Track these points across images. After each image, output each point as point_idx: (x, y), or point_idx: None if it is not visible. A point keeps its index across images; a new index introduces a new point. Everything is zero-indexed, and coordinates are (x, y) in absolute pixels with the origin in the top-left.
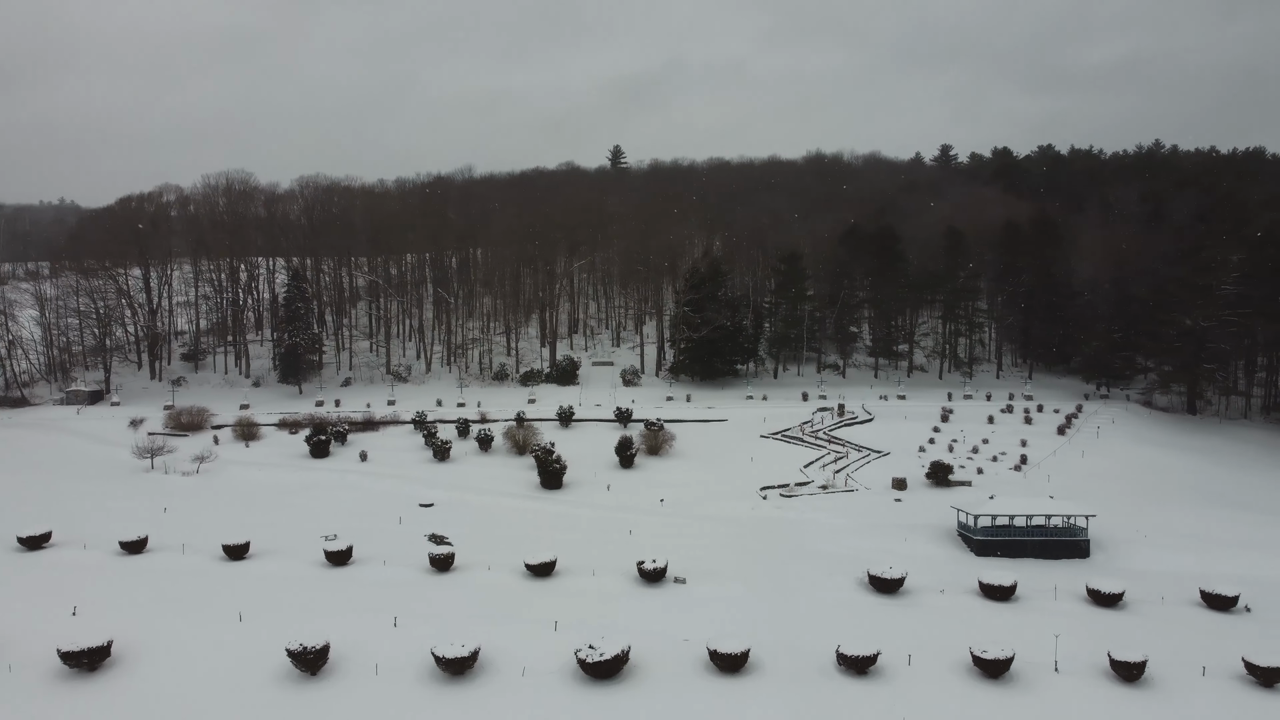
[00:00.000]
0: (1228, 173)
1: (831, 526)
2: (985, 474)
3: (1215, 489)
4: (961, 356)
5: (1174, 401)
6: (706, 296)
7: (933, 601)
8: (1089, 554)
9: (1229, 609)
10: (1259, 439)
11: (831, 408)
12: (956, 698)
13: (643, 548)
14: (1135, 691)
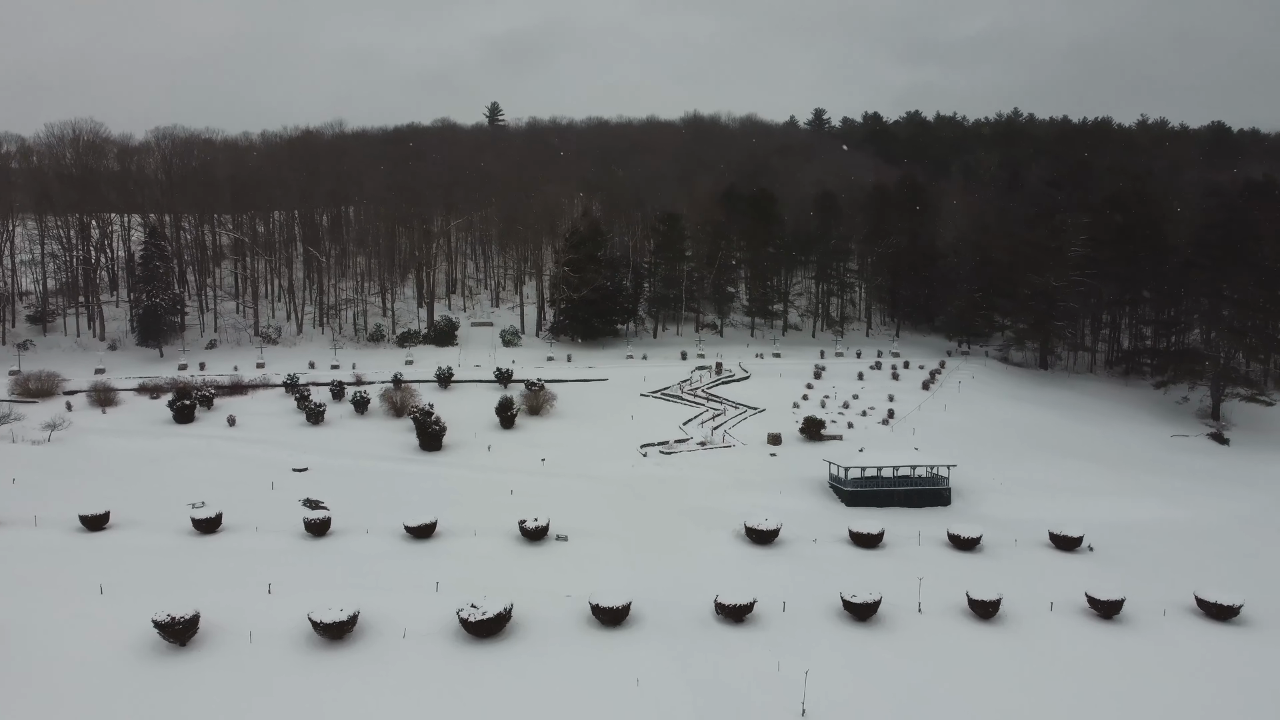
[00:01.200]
0: (1079, 141)
1: (710, 482)
2: (855, 428)
3: (1063, 440)
4: (834, 316)
5: (1028, 357)
6: (586, 257)
7: (806, 551)
8: (950, 502)
9: (1074, 549)
10: (1103, 391)
11: (710, 366)
12: (828, 640)
13: (524, 507)
14: (990, 627)
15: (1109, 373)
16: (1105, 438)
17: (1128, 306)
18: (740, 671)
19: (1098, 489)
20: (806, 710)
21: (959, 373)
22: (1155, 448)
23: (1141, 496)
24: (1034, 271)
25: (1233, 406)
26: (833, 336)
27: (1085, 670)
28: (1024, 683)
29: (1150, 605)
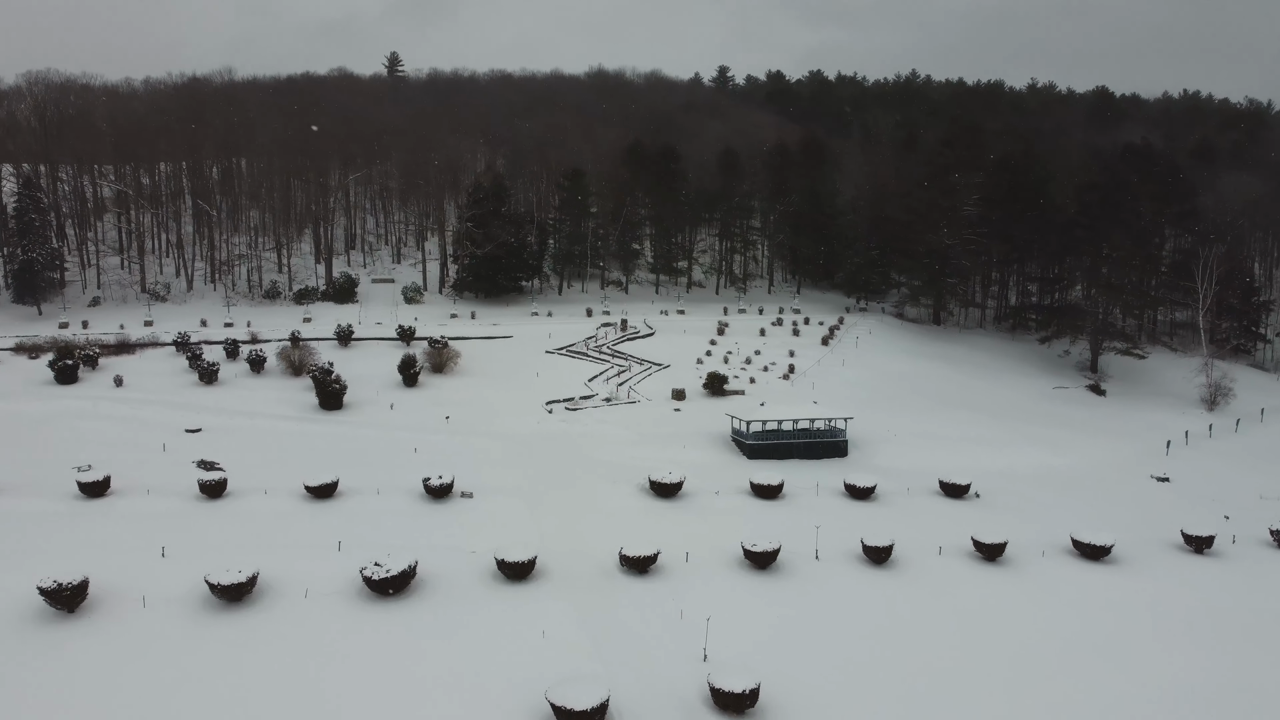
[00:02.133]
0: (972, 103)
1: (615, 437)
2: (757, 383)
3: (954, 392)
4: (737, 273)
5: (922, 314)
6: (490, 212)
7: (709, 503)
8: (847, 453)
9: (962, 496)
10: (991, 346)
11: (615, 323)
12: (729, 588)
13: (429, 465)
14: (883, 571)
15: (997, 328)
16: (993, 390)
17: (1016, 264)
18: (644, 620)
19: (985, 439)
20: (708, 655)
21: (857, 328)
22: (1039, 399)
23: (1025, 445)
24: (928, 230)
25: (1109, 360)
26: (736, 293)
27: (970, 607)
28: (914, 621)
29: (1030, 547)
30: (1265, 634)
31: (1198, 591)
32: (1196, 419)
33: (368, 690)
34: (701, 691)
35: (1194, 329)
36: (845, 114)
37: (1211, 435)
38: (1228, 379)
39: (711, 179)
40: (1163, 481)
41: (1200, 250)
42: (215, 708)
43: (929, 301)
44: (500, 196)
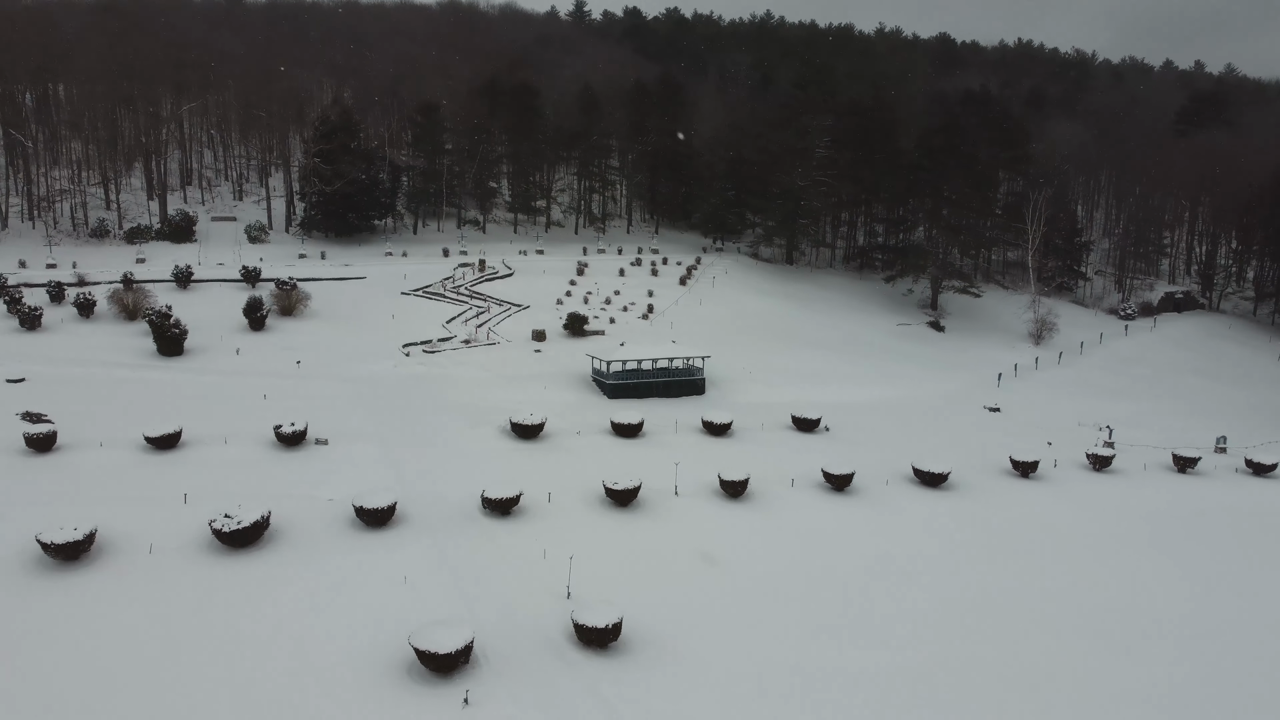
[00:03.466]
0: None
1: (475, 379)
2: (617, 323)
3: (806, 330)
4: (596, 213)
5: (776, 253)
6: (339, 148)
7: (570, 443)
8: (705, 391)
9: (813, 430)
10: (841, 285)
11: (473, 263)
12: (591, 526)
13: (280, 412)
14: (739, 504)
15: (846, 268)
16: (842, 327)
17: (864, 206)
18: (508, 562)
19: (835, 374)
20: (572, 593)
21: (714, 268)
22: (884, 336)
23: (872, 380)
24: (782, 171)
25: (948, 298)
26: (595, 233)
27: (820, 535)
28: (768, 550)
29: (876, 476)
30: (1078, 547)
31: (1023, 512)
32: (1025, 352)
33: (223, 646)
34: (566, 628)
35: (1024, 268)
36: (701, 53)
37: (1037, 367)
38: (1052, 315)
39: (570, 117)
40: (994, 412)
41: (1030, 194)
42: (57, 673)
43: (782, 242)
44: (350, 131)
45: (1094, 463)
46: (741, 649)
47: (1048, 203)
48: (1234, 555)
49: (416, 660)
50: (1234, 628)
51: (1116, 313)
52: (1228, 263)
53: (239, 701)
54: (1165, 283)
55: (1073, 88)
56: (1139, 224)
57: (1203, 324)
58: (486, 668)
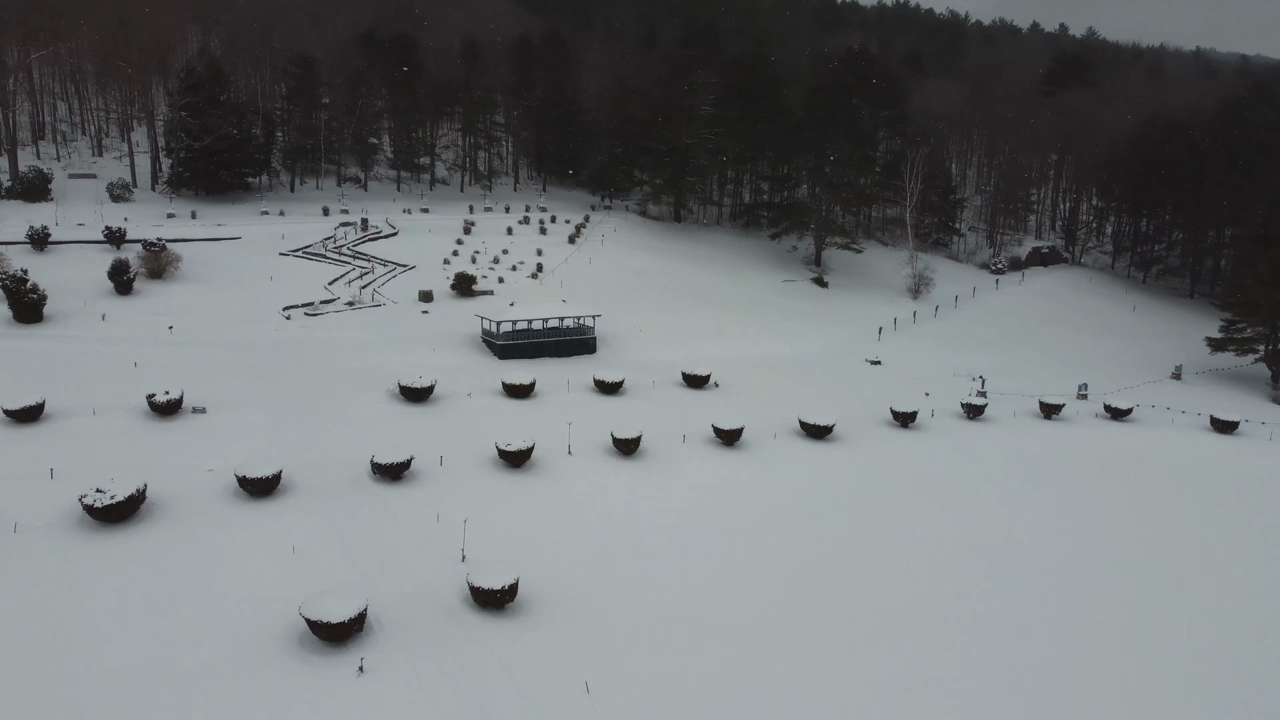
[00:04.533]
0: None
1: (361, 342)
2: (506, 283)
3: (695, 287)
4: (482, 170)
5: (664, 211)
6: (206, 101)
7: (461, 405)
8: (596, 350)
9: (703, 386)
10: (728, 243)
11: (355, 222)
12: (485, 488)
13: (153, 380)
14: (632, 461)
15: (733, 225)
16: (730, 284)
17: (750, 164)
18: (400, 527)
19: (724, 331)
20: (467, 556)
21: (602, 226)
22: (770, 292)
23: (759, 336)
24: (669, 129)
25: (831, 254)
26: (481, 191)
27: (711, 489)
28: (660, 506)
29: (764, 430)
30: (954, 492)
31: (903, 460)
32: (904, 307)
33: (99, 627)
34: (461, 591)
35: (903, 225)
36: (587, 8)
37: (915, 321)
38: (929, 270)
39: (453, 71)
40: (875, 364)
41: (908, 152)
42: None
43: (670, 199)
44: (218, 83)
45: (968, 412)
46: (636, 604)
47: (924, 161)
48: (1095, 494)
49: (308, 631)
50: (1098, 562)
51: (988, 267)
52: (1089, 219)
53: (116, 686)
54: (1033, 238)
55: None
56: (1008, 181)
57: (1066, 277)
58: (381, 635)
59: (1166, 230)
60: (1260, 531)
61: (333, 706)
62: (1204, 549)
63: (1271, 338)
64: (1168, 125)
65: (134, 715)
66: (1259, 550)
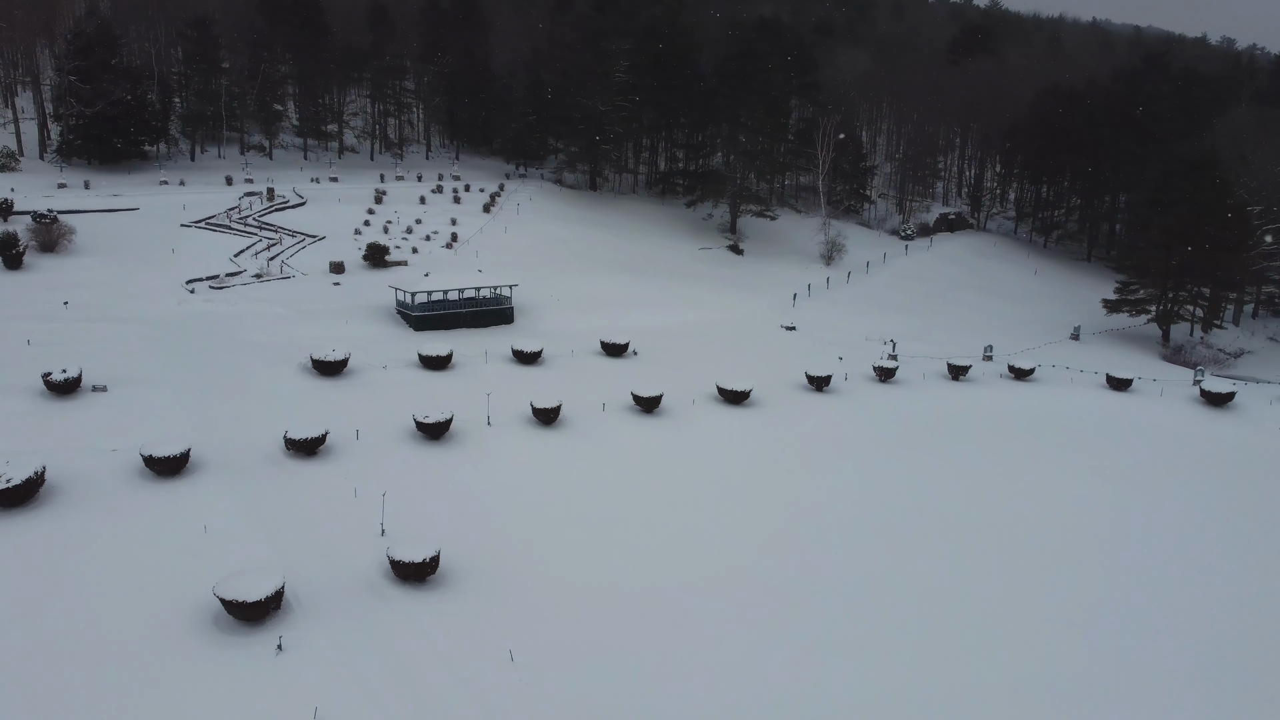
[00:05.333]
0: None
1: (270, 316)
2: (420, 253)
3: (612, 256)
4: (392, 138)
5: (579, 179)
6: (98, 65)
7: (377, 378)
8: (514, 320)
9: (622, 355)
10: (644, 211)
11: (260, 192)
12: (403, 461)
13: (48, 358)
14: (552, 431)
15: (649, 193)
16: (647, 252)
17: (665, 131)
18: (317, 503)
19: (641, 299)
20: (386, 530)
21: (518, 195)
22: (687, 260)
23: (677, 304)
24: (584, 96)
25: (747, 221)
26: (392, 160)
27: (632, 455)
28: (580, 475)
29: (683, 397)
30: (867, 453)
31: (818, 423)
32: (817, 273)
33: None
34: (382, 566)
35: (815, 192)
36: None
37: (829, 287)
38: (842, 237)
39: (360, 35)
40: (790, 330)
41: (820, 119)
42: None
43: (586, 168)
44: (109, 46)
45: (880, 375)
46: (559, 572)
47: (836, 129)
48: (999, 451)
49: (223, 611)
50: (1004, 514)
51: (898, 233)
52: (993, 185)
53: (21, 676)
54: (940, 204)
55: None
56: (917, 149)
57: (972, 243)
58: (300, 612)
59: (1065, 197)
60: (1151, 479)
61: (251, 685)
62: (1100, 497)
63: (1162, 299)
64: (1066, 95)
65: (40, 704)
66: (1150, 497)
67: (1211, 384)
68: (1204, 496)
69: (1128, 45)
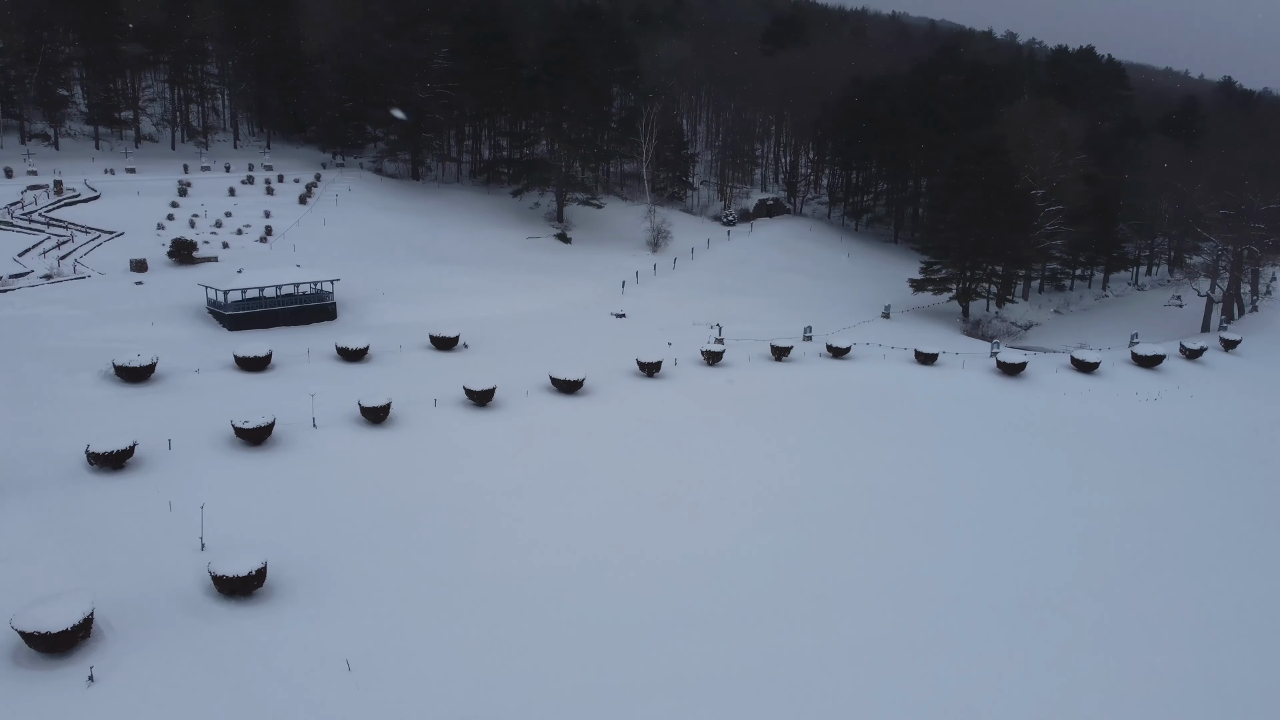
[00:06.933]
0: None
1: (65, 319)
2: (232, 248)
3: (438, 247)
4: (196, 126)
5: (401, 169)
6: None
7: (189, 383)
8: (337, 316)
9: (452, 348)
10: (469, 200)
11: (47, 185)
12: (222, 470)
13: None
14: (383, 430)
15: (474, 182)
16: (474, 242)
17: (488, 119)
18: (127, 521)
19: (470, 290)
20: (207, 544)
21: (336, 185)
22: (516, 249)
23: (507, 293)
24: (402, 82)
25: (573, 210)
26: (197, 149)
27: (467, 450)
28: (414, 472)
29: (516, 388)
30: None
31: (650, 409)
32: (645, 260)
33: None
34: (204, 582)
35: (640, 180)
36: None
37: (656, 273)
38: (667, 223)
39: (156, 15)
40: (620, 318)
41: (642, 108)
42: None
43: (407, 156)
44: None
45: (707, 358)
46: (395, 575)
47: (658, 117)
48: (823, 426)
49: (23, 644)
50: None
51: (720, 219)
52: (807, 172)
53: None
54: (759, 190)
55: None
56: (735, 136)
57: (790, 227)
58: (113, 639)
59: (873, 182)
60: (952, 443)
61: None
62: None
63: (961, 277)
64: (871, 85)
65: None
66: (958, 458)
67: (1006, 355)
68: (1002, 455)
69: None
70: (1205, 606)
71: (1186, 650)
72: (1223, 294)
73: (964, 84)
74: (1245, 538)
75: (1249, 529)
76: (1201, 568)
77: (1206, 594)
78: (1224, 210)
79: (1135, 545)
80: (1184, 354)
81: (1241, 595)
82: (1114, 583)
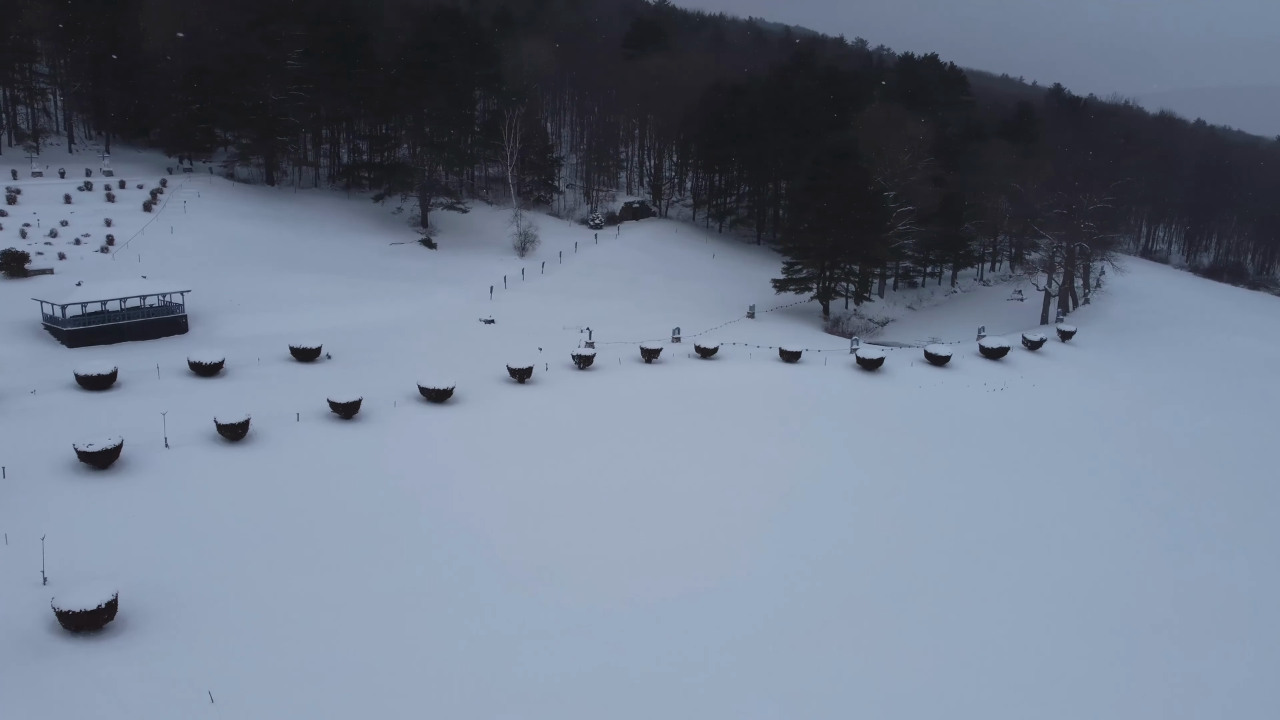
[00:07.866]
0: None
1: None
2: (69, 259)
3: (297, 254)
4: (24, 128)
5: (254, 173)
6: None
7: (25, 404)
8: (189, 329)
9: (314, 359)
10: (328, 206)
11: None
12: (65, 498)
13: None
14: (242, 447)
15: (333, 187)
16: (334, 249)
17: (346, 122)
18: None
19: (332, 298)
20: (49, 578)
21: (184, 191)
22: (378, 256)
23: (370, 301)
24: (253, 84)
25: (438, 215)
26: (26, 154)
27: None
28: (277, 492)
29: (384, 399)
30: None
31: (524, 414)
32: (512, 264)
33: None
34: (47, 619)
35: (505, 184)
36: None
37: (524, 278)
38: (534, 227)
39: None
40: (489, 323)
41: (506, 111)
42: None
43: (261, 161)
44: None
45: (579, 362)
46: (259, 598)
47: (522, 120)
48: (692, 426)
49: None
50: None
51: (587, 223)
52: (671, 175)
53: None
54: (625, 194)
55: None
56: (600, 140)
57: (657, 230)
58: None
59: (736, 184)
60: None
61: None
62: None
63: (821, 277)
64: (731, 89)
65: None
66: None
67: (865, 351)
68: (864, 444)
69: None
70: (1066, 583)
71: (1034, 623)
72: (1059, 288)
73: (819, 89)
74: (1096, 515)
75: (1098, 506)
76: (1060, 544)
77: (1072, 571)
78: (1058, 209)
79: (998, 527)
80: (1026, 345)
81: (1099, 568)
82: (970, 566)
